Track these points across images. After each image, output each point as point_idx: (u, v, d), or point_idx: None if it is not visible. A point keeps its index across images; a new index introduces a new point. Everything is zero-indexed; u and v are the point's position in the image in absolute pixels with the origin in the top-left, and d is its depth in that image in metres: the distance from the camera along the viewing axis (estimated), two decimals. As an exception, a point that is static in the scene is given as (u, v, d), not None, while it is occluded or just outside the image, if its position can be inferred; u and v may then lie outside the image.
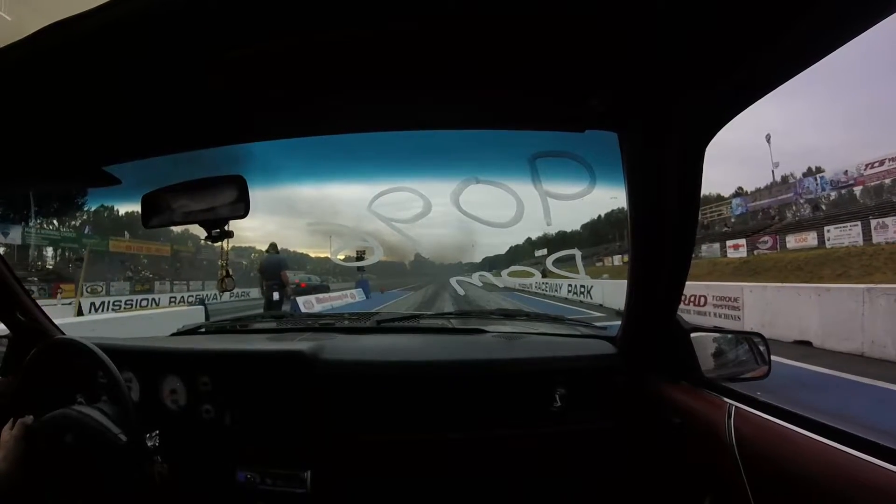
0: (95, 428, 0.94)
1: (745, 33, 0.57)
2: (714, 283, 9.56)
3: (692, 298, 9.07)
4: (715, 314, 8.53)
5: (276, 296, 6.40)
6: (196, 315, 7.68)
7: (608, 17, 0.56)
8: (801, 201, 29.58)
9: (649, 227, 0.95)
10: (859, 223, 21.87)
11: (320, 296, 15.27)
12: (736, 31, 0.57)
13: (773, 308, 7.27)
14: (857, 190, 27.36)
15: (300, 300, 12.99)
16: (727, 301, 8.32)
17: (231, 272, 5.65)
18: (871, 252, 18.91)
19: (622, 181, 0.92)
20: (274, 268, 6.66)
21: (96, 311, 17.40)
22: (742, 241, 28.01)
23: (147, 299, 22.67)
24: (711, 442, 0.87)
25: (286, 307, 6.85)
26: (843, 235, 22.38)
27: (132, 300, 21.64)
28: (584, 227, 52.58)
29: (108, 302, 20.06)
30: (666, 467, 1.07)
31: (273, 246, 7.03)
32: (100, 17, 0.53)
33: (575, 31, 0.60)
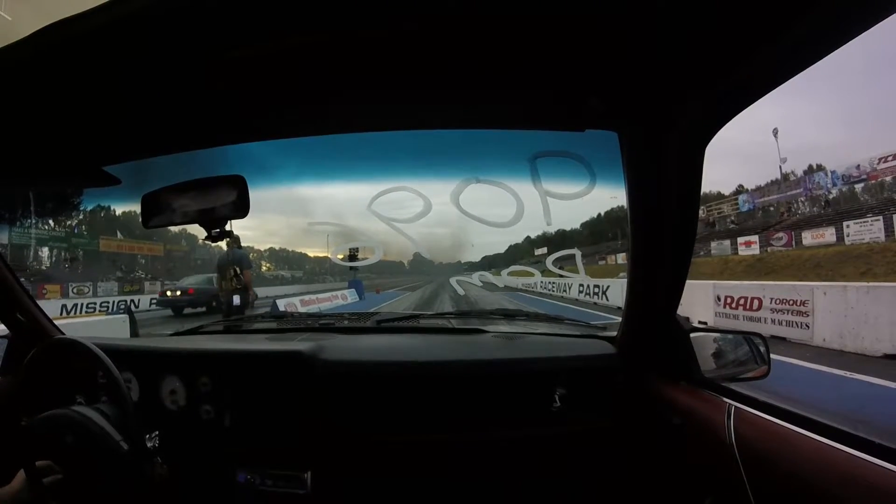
0: (96, 431, 0.94)
1: (745, 33, 0.57)
2: (772, 283, 7.91)
3: (742, 301, 7.56)
4: (773, 320, 6.97)
5: (236, 300, 5.46)
6: (116, 327, 6.23)
7: (608, 16, 0.56)
8: (812, 196, 28.89)
9: (649, 227, 0.95)
10: (881, 218, 20.66)
11: (305, 297, 13.98)
12: (736, 30, 0.57)
13: (857, 314, 5.84)
14: (871, 184, 26.69)
15: (281, 302, 11.74)
16: (791, 305, 6.74)
17: (237, 272, 5.40)
18: (895, 249, 17.66)
19: (622, 180, 0.92)
20: (234, 266, 5.52)
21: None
22: (754, 238, 26.91)
23: (108, 302, 19.16)
24: (711, 442, 0.87)
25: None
26: (864, 231, 21.19)
27: (94, 303, 18.64)
28: (583, 225, 52.73)
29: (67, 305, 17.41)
30: (666, 468, 1.06)
31: (235, 239, 5.79)
32: (100, 17, 0.53)
33: (575, 31, 0.60)
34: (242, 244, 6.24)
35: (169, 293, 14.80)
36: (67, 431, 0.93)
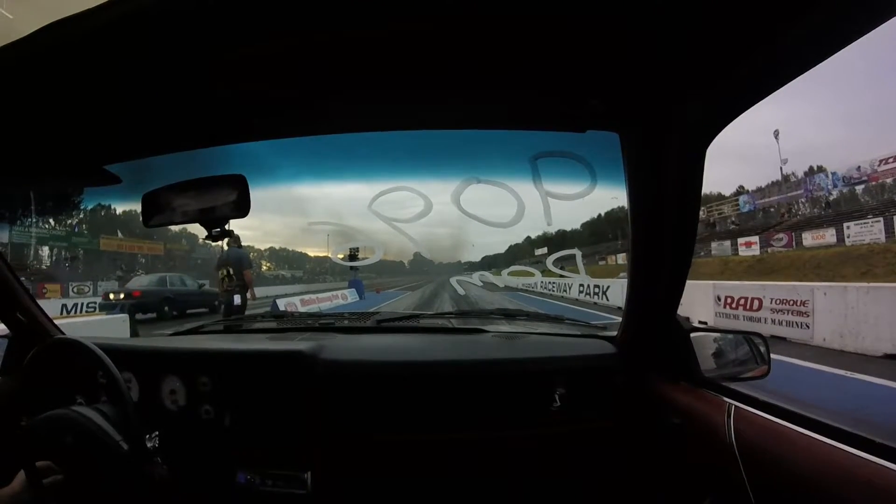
0: (96, 431, 0.94)
1: (745, 34, 0.57)
2: (772, 284, 7.93)
3: (742, 302, 7.63)
4: (773, 320, 7.01)
5: (237, 299, 5.49)
6: (116, 327, 6.27)
7: (608, 17, 0.56)
8: (813, 197, 28.82)
9: (650, 227, 0.95)
10: (882, 219, 20.73)
11: (305, 297, 13.69)
12: (736, 32, 0.57)
13: (858, 314, 5.88)
14: (872, 185, 26.50)
15: (281, 302, 11.65)
16: (791, 305, 6.78)
17: (230, 272, 5.41)
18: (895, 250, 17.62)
19: (623, 181, 0.92)
20: (234, 265, 5.54)
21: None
22: (755, 239, 26.85)
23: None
24: (711, 442, 0.87)
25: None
26: (864, 232, 21.22)
27: (94, 303, 16.57)
28: (584, 225, 52.69)
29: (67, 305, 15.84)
30: (666, 468, 1.07)
31: (235, 238, 5.70)
32: (100, 16, 0.53)
33: (575, 32, 0.60)
34: (242, 244, 6.26)
35: (112, 296, 13.17)
36: (67, 432, 0.93)
